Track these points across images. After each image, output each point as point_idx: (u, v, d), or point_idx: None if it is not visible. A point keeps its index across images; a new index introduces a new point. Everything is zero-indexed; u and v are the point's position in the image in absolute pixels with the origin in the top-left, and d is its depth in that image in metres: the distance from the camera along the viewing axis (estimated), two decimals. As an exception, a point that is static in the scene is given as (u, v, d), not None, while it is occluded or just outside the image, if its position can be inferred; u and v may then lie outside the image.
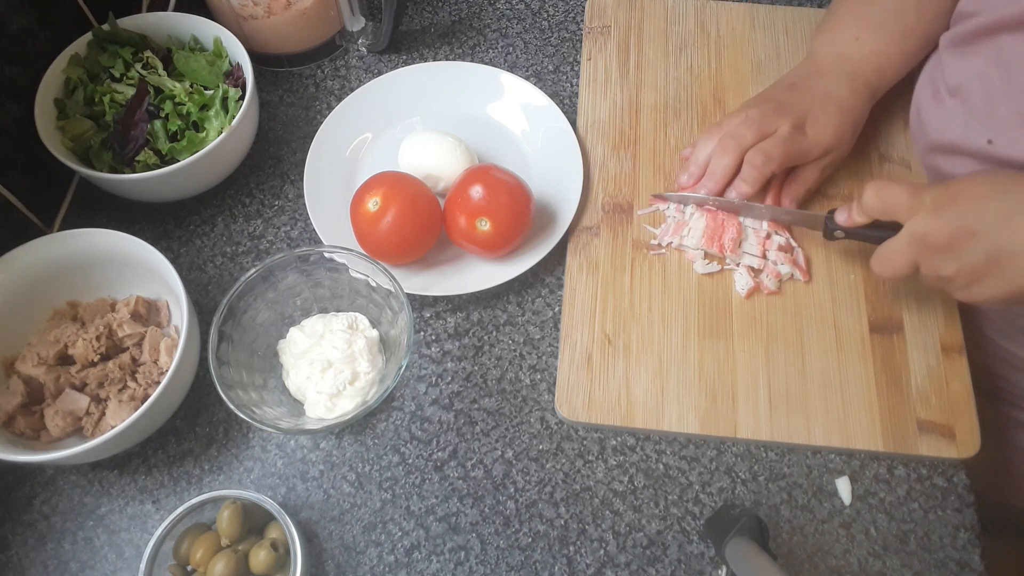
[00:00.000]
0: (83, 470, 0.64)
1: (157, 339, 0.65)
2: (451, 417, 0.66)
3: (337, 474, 0.64)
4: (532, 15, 0.88)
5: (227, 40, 0.74)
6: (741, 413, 0.64)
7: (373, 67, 0.85)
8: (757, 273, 0.69)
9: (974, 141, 0.65)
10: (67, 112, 0.70)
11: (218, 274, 0.73)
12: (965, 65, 0.66)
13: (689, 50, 0.83)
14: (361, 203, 0.67)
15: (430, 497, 0.63)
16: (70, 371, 0.63)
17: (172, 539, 0.57)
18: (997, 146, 0.63)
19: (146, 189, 0.70)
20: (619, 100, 0.80)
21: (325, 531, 0.61)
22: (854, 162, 0.75)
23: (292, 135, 0.80)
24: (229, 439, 0.65)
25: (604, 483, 0.63)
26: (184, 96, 0.72)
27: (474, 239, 0.67)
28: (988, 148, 0.63)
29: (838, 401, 0.64)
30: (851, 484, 0.62)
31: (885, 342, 0.67)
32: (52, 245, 0.64)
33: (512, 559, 0.60)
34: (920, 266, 0.58)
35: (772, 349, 0.66)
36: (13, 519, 0.62)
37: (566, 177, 0.74)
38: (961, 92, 0.66)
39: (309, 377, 0.63)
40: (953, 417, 0.63)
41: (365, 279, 0.65)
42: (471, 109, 0.80)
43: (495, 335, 0.69)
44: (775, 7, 0.85)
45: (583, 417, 0.64)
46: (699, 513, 0.62)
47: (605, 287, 0.69)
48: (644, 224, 0.73)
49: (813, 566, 0.60)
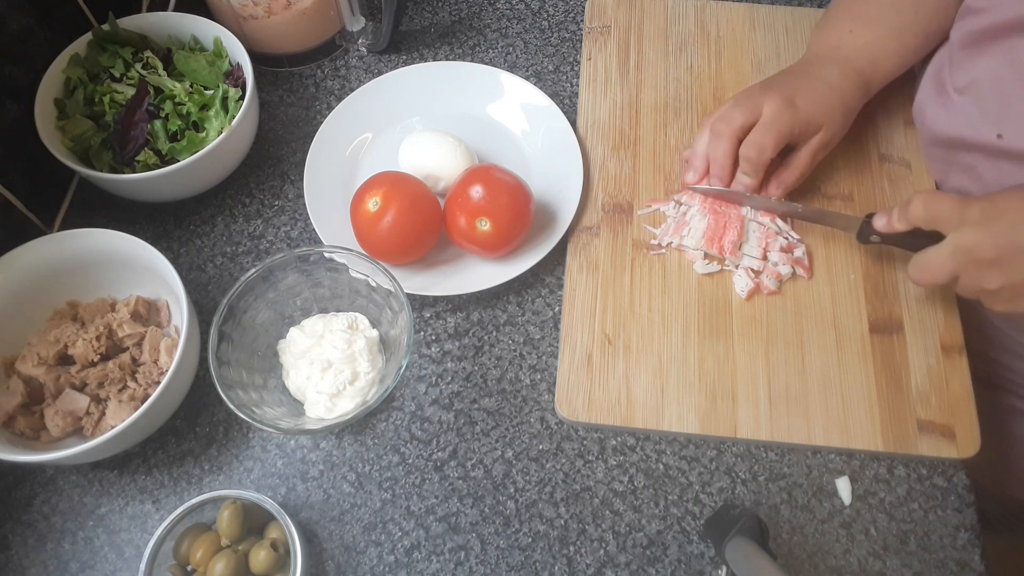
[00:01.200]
0: (83, 470, 0.64)
1: (157, 339, 0.65)
2: (451, 417, 0.66)
3: (337, 474, 0.64)
4: (532, 15, 0.88)
5: (227, 40, 0.74)
6: (741, 413, 0.64)
7: (373, 67, 0.85)
8: (757, 274, 0.69)
9: (983, 136, 0.65)
10: (67, 112, 0.70)
11: (218, 274, 0.73)
12: (976, 65, 0.66)
13: (689, 50, 0.83)
14: (361, 203, 0.67)
15: (430, 497, 0.63)
16: (70, 371, 0.63)
17: (172, 539, 0.57)
18: (1007, 140, 0.63)
19: (146, 189, 0.70)
20: (619, 100, 0.80)
21: (325, 531, 0.61)
22: (854, 162, 0.75)
23: (292, 135, 0.80)
24: (229, 439, 0.65)
25: (604, 483, 0.63)
26: (184, 96, 0.72)
27: (474, 239, 0.67)
28: (998, 142, 0.64)
29: (838, 401, 0.64)
30: (851, 484, 0.62)
31: (885, 342, 0.67)
32: (52, 245, 0.64)
33: (512, 559, 0.60)
34: (961, 277, 0.58)
35: (772, 349, 0.66)
36: (13, 519, 0.62)
37: (566, 177, 0.74)
38: (971, 90, 0.66)
39: (309, 377, 0.63)
40: (953, 417, 0.63)
41: (365, 279, 0.65)
42: (471, 109, 0.80)
43: (495, 335, 0.69)
44: (775, 7, 0.85)
45: (583, 417, 0.64)
46: (699, 513, 0.62)
47: (605, 287, 0.69)
48: (644, 224, 0.73)
49: (813, 566, 0.60)
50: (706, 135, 0.70)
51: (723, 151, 0.69)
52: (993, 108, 0.64)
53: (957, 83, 0.68)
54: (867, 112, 0.78)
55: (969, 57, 0.67)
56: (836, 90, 0.69)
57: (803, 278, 0.69)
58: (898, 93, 0.79)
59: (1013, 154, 0.63)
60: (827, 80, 0.70)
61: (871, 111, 0.78)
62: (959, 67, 0.68)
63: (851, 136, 0.76)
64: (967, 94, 0.67)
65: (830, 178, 0.75)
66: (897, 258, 0.70)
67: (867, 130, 0.77)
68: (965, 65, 0.67)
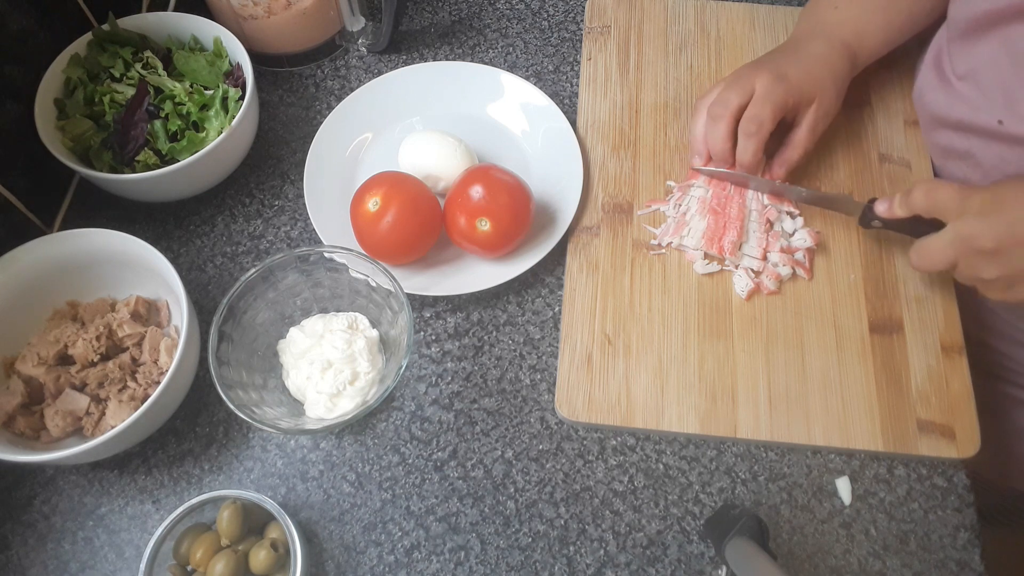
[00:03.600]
0: (83, 470, 0.64)
1: (157, 339, 0.65)
2: (451, 417, 0.66)
3: (337, 474, 0.64)
4: (532, 15, 0.88)
5: (227, 40, 0.74)
6: (741, 413, 0.64)
7: (373, 67, 0.85)
8: (757, 274, 0.69)
9: (984, 121, 0.65)
10: (67, 112, 0.70)
11: (218, 274, 0.73)
12: (975, 51, 0.66)
13: (689, 50, 0.83)
14: (361, 203, 0.67)
15: (430, 497, 0.63)
16: (70, 371, 0.63)
17: (172, 539, 0.57)
18: (1008, 126, 0.63)
19: (146, 189, 0.70)
20: (619, 100, 0.80)
21: (325, 531, 0.61)
22: (854, 162, 0.75)
23: (292, 135, 0.80)
24: (229, 439, 0.65)
25: (604, 483, 0.63)
26: (184, 96, 0.72)
27: (474, 239, 0.67)
28: (998, 128, 0.64)
29: (838, 401, 0.64)
30: (851, 484, 0.62)
31: (885, 342, 0.67)
32: (52, 245, 0.64)
33: (512, 559, 0.60)
34: (959, 265, 0.59)
35: (772, 349, 0.66)
36: (13, 519, 0.62)
37: (566, 177, 0.74)
38: (971, 77, 0.67)
39: (309, 377, 0.63)
40: (953, 417, 0.63)
41: (365, 279, 0.65)
42: (471, 109, 0.80)
43: (495, 335, 0.69)
44: (775, 7, 0.85)
45: (583, 417, 0.64)
46: (699, 513, 0.62)
47: (605, 287, 0.69)
48: (644, 224, 0.73)
49: (813, 566, 0.60)
50: (702, 118, 0.71)
51: (721, 133, 0.69)
52: (994, 94, 0.65)
53: (957, 69, 0.68)
54: (867, 112, 0.78)
55: (967, 43, 0.67)
56: (824, 62, 0.70)
57: (803, 278, 0.69)
58: (898, 93, 0.79)
59: (1013, 139, 0.64)
60: (815, 53, 0.71)
61: (872, 111, 0.78)
62: (958, 53, 0.68)
63: (851, 136, 0.77)
64: (967, 80, 0.67)
65: (830, 178, 0.75)
66: (897, 258, 0.70)
67: (867, 130, 0.77)
68: (964, 51, 0.67)
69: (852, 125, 0.77)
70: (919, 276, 0.69)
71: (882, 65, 0.76)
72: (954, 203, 0.58)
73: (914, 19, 0.73)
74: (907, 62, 0.79)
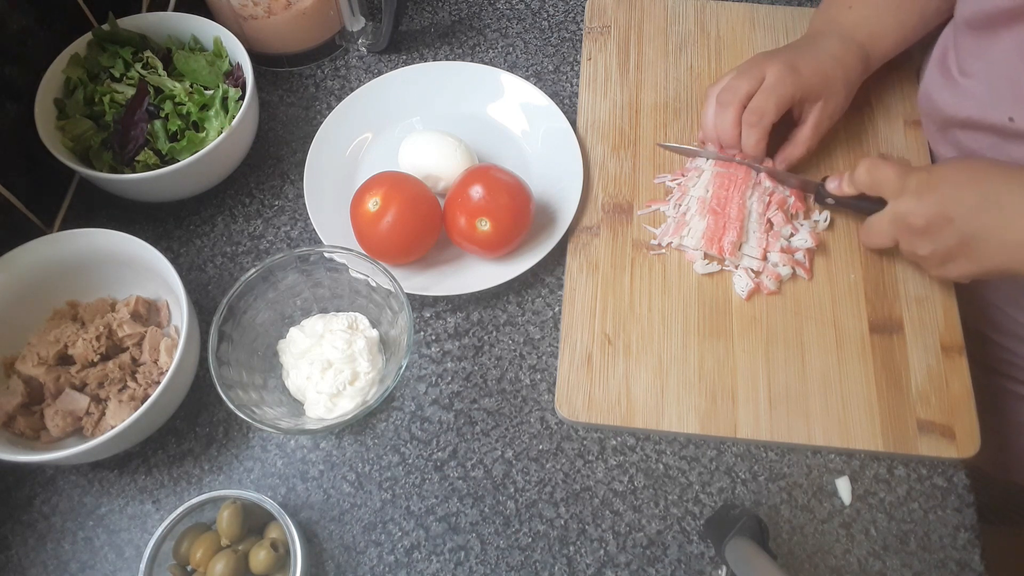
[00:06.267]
0: (83, 470, 0.64)
1: (157, 339, 0.65)
2: (451, 417, 0.66)
3: (337, 474, 0.64)
4: (532, 15, 0.88)
5: (227, 40, 0.74)
6: (741, 413, 0.64)
7: (373, 67, 0.85)
8: (757, 274, 0.69)
9: (994, 118, 0.66)
10: (67, 112, 0.70)
11: (218, 274, 0.73)
12: (985, 50, 0.66)
13: (689, 50, 0.83)
14: (361, 203, 0.67)
15: (430, 497, 0.63)
16: (70, 371, 0.63)
17: (172, 539, 0.57)
18: (1019, 123, 0.64)
19: (146, 189, 0.70)
20: (619, 100, 0.80)
21: (325, 531, 0.61)
22: (854, 162, 0.75)
23: (292, 135, 0.80)
24: (229, 439, 0.65)
25: (604, 483, 0.63)
26: (184, 96, 0.72)
27: (474, 239, 0.67)
28: (1009, 125, 0.64)
29: (838, 401, 0.64)
30: (851, 484, 0.62)
31: (885, 342, 0.67)
32: (52, 245, 0.64)
33: (512, 559, 0.60)
34: (899, 242, 0.63)
35: (772, 349, 0.66)
36: (13, 519, 0.62)
37: (566, 177, 0.74)
38: (980, 74, 0.67)
39: (309, 377, 0.63)
40: (953, 417, 0.63)
41: (365, 279, 0.65)
42: (471, 109, 0.80)
43: (495, 335, 0.69)
44: (775, 7, 0.85)
45: (583, 417, 0.64)
46: (699, 513, 0.62)
47: (605, 287, 0.69)
48: (644, 224, 0.73)
49: (813, 566, 0.60)
50: (712, 105, 0.71)
51: (730, 120, 0.69)
52: (1005, 92, 0.65)
53: (965, 67, 0.68)
54: (867, 112, 0.78)
55: (977, 41, 0.67)
56: (838, 61, 0.71)
57: (803, 278, 0.69)
58: (898, 94, 0.79)
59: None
60: (829, 51, 0.71)
61: (872, 112, 0.78)
62: (967, 51, 0.68)
63: (851, 136, 0.77)
64: (977, 78, 0.67)
65: (831, 177, 0.75)
66: (897, 258, 0.70)
67: (867, 130, 0.77)
68: (973, 49, 0.67)
69: (852, 126, 0.77)
70: (919, 276, 0.69)
71: (882, 66, 0.76)
72: (894, 181, 0.61)
73: (925, 19, 0.73)
74: (907, 63, 0.79)
